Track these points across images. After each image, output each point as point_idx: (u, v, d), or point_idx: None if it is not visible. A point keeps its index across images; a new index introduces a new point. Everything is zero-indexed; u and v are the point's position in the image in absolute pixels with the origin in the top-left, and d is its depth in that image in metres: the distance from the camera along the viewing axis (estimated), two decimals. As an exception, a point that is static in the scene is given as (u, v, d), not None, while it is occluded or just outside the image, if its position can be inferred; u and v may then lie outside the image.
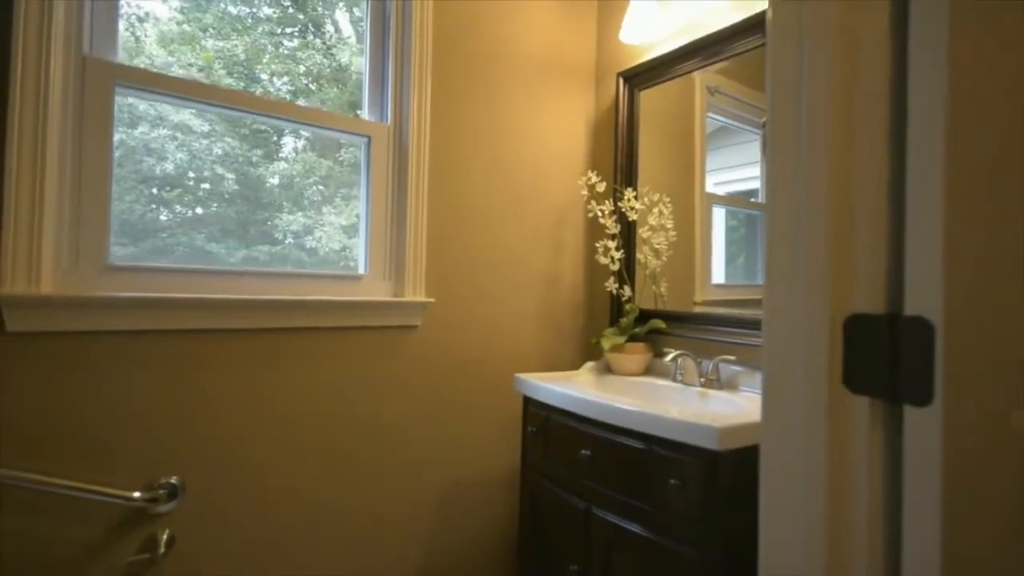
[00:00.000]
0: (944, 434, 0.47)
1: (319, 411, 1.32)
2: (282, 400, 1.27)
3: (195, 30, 1.30)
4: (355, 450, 1.37)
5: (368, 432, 1.39)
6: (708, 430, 0.89)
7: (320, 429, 1.32)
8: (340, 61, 1.48)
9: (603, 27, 1.78)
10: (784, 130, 0.59)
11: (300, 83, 1.44)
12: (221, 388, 1.19)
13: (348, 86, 1.49)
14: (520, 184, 1.66)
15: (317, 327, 1.30)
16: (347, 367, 1.35)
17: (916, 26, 0.50)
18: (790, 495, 0.58)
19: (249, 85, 1.35)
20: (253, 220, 1.35)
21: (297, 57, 1.43)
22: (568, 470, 1.21)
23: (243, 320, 1.20)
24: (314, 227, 1.43)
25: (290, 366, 1.27)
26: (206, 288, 1.19)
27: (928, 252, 0.49)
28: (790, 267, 0.59)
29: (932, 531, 0.48)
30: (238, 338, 1.21)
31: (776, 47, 0.60)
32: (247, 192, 1.35)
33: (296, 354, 1.28)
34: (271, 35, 1.39)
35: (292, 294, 1.28)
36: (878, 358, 0.52)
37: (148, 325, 1.10)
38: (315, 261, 1.43)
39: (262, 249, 1.35)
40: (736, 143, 1.50)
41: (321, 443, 1.32)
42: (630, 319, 1.55)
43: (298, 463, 1.29)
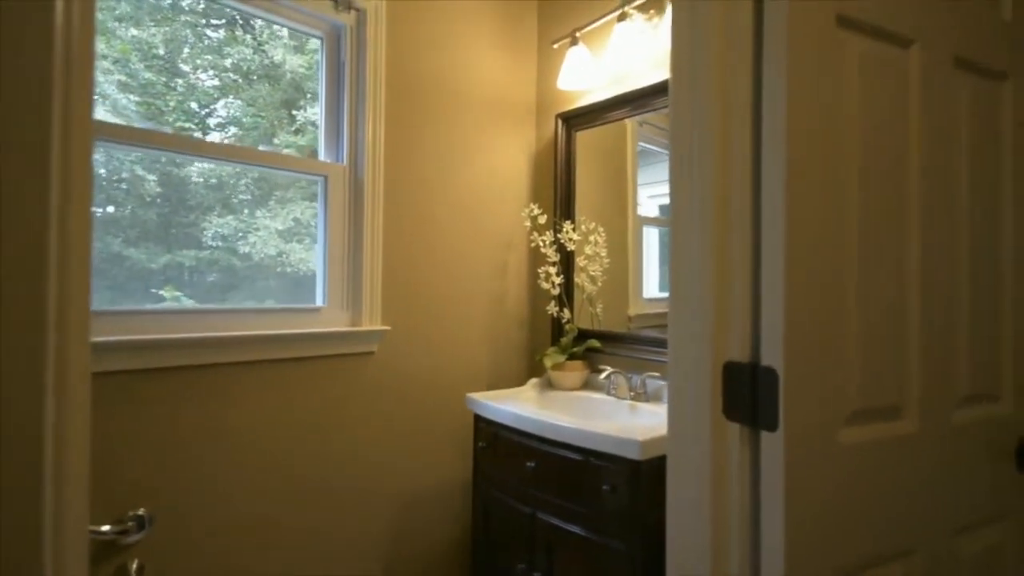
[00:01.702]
0: (785, 451, 0.68)
1: (283, 437, 1.40)
2: (248, 429, 1.34)
3: (108, 19, 1.22)
4: (319, 472, 1.47)
5: (331, 454, 1.49)
6: (632, 443, 1.09)
7: (285, 454, 1.41)
8: (273, 58, 1.46)
9: (543, 71, 1.96)
10: (680, 222, 0.78)
11: (227, 78, 1.38)
12: (189, 422, 1.26)
13: (281, 84, 1.47)
14: (470, 214, 1.81)
15: (280, 358, 1.38)
16: (309, 394, 1.44)
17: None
18: (687, 494, 0.78)
19: (170, 79, 1.30)
20: (177, 222, 1.30)
21: (223, 51, 1.37)
22: (515, 480, 1.38)
23: (209, 356, 1.27)
24: (247, 231, 1.40)
25: (255, 396, 1.35)
26: (171, 327, 1.25)
27: (774, 319, 0.69)
28: (687, 324, 0.78)
29: (778, 515, 0.68)
30: (205, 373, 1.28)
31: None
32: (170, 193, 1.29)
33: (260, 384, 1.36)
34: (193, 26, 1.33)
35: (255, 328, 1.36)
36: (745, 395, 0.72)
37: (115, 366, 1.15)
38: (249, 267, 1.41)
39: (187, 254, 1.30)
40: (664, 161, 1.72)
41: (286, 467, 1.41)
42: (570, 338, 1.74)
43: (264, 488, 1.37)
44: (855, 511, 0.74)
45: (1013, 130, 0.96)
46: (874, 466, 0.77)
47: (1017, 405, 0.97)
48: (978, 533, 0.92)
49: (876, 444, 0.77)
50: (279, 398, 1.39)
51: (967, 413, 0.90)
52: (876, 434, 0.78)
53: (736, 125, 0.74)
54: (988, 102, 0.93)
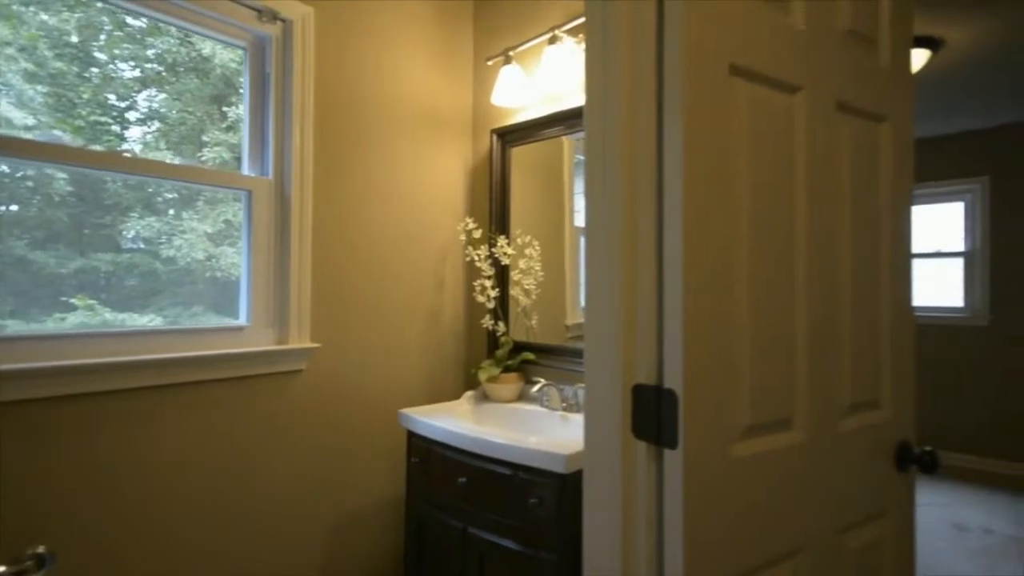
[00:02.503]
0: (684, 466, 0.74)
1: (205, 462, 1.35)
2: (166, 456, 1.28)
3: (14, 2, 1.15)
4: (245, 494, 1.42)
5: (256, 477, 1.44)
6: (558, 457, 1.13)
7: (206, 480, 1.35)
8: (201, 52, 1.40)
9: (479, 87, 1.99)
10: (594, 258, 0.83)
11: (150, 70, 1.31)
12: (99, 452, 1.19)
13: (211, 78, 1.41)
14: (405, 228, 1.81)
15: (201, 380, 1.33)
16: (233, 416, 1.40)
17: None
18: (601, 507, 0.82)
19: (84, 69, 1.21)
20: (91, 223, 1.22)
21: (146, 41, 1.31)
22: (448, 495, 1.39)
23: (122, 381, 1.20)
24: (172, 233, 1.34)
25: (175, 420, 1.29)
26: (79, 351, 1.17)
27: (674, 346, 0.75)
28: (601, 350, 0.83)
29: (678, 525, 0.74)
30: (117, 399, 1.21)
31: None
32: (83, 192, 1.20)
33: (180, 408, 1.30)
34: (112, 13, 1.25)
35: (173, 350, 1.30)
36: (651, 416, 0.78)
37: (13, 395, 1.07)
38: (174, 271, 1.35)
39: (103, 257, 1.23)
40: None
41: (208, 494, 1.35)
42: (505, 351, 1.78)
43: (183, 517, 1.31)
44: (749, 517, 0.81)
45: (891, 166, 1.08)
46: (767, 475, 0.84)
47: (896, 411, 1.09)
48: (861, 529, 1.02)
49: (769, 455, 0.85)
50: (200, 422, 1.34)
51: (852, 421, 1.01)
52: (769, 446, 0.86)
53: (642, 165, 0.79)
54: (868, 141, 1.04)
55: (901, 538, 1.11)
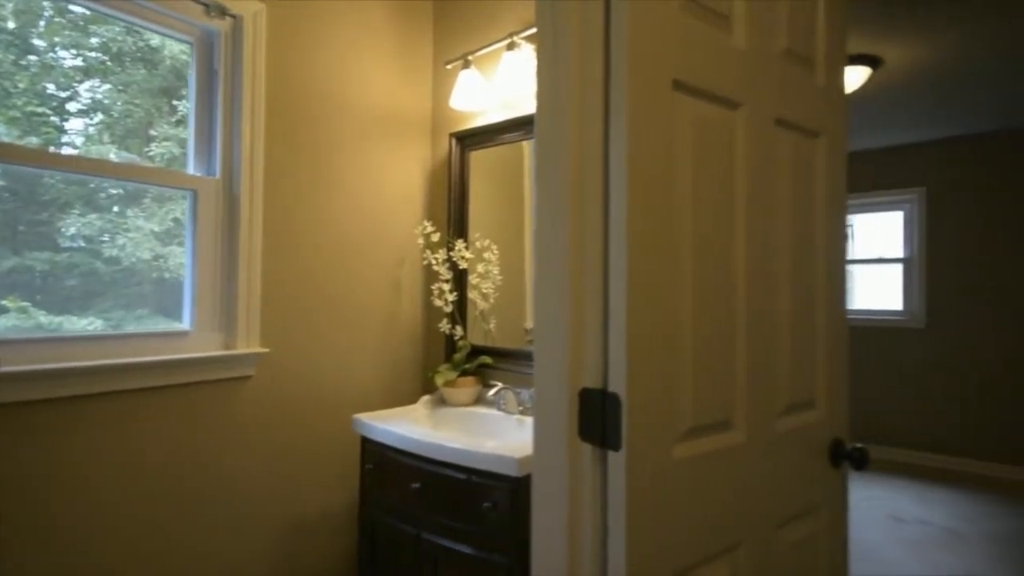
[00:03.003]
0: (626, 468, 0.76)
1: (151, 470, 1.30)
2: (106, 467, 1.23)
3: None
4: (192, 503, 1.37)
5: (205, 484, 1.40)
6: (510, 460, 1.15)
7: (153, 487, 1.30)
8: (149, 42, 1.35)
9: (438, 90, 1.99)
10: (542, 264, 0.86)
11: (93, 59, 1.27)
12: (32, 463, 1.12)
13: (160, 69, 1.37)
14: (361, 231, 1.79)
15: (141, 388, 1.28)
16: (177, 424, 1.35)
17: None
18: (548, 509, 0.84)
19: (20, 56, 1.17)
20: (27, 220, 1.16)
21: (89, 29, 1.26)
22: (401, 501, 1.39)
23: (59, 388, 1.15)
24: (115, 231, 1.29)
25: (114, 430, 1.24)
26: (10, 357, 1.11)
27: (618, 351, 0.77)
28: (550, 355, 0.85)
29: (620, 525, 0.76)
30: (53, 407, 1.15)
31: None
32: (18, 187, 1.15)
33: (120, 417, 1.25)
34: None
35: (111, 356, 1.25)
36: (596, 419, 0.80)
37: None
38: (117, 272, 1.30)
39: (39, 256, 1.17)
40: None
41: (154, 500, 1.30)
42: (462, 355, 1.79)
43: (130, 525, 1.26)
44: (690, 516, 0.85)
45: (826, 179, 1.15)
46: (708, 474, 0.88)
47: (830, 411, 1.16)
48: (798, 523, 1.08)
49: (710, 455, 0.89)
50: (143, 430, 1.29)
51: (789, 421, 1.06)
52: (710, 446, 0.89)
53: (590, 175, 0.82)
54: (805, 156, 1.11)
55: (835, 530, 1.18)
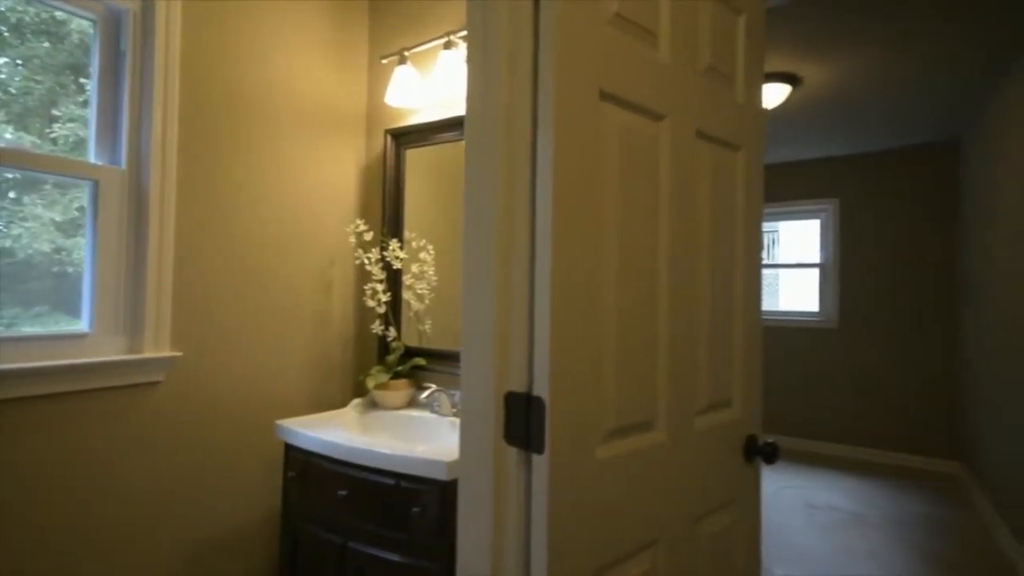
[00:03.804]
0: (549, 470, 0.78)
1: (45, 483, 1.18)
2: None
3: None
4: (94, 520, 1.27)
5: (109, 498, 1.30)
6: (440, 464, 1.15)
7: (50, 502, 1.19)
8: (54, 14, 1.25)
9: (373, 85, 1.95)
10: (470, 268, 0.86)
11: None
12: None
13: (66, 44, 1.27)
14: (289, 227, 1.72)
15: (33, 395, 1.17)
16: (77, 434, 1.24)
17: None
18: (474, 511, 0.85)
19: None
20: None
21: None
22: (326, 509, 1.35)
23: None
24: (10, 220, 1.19)
25: (2, 441, 1.12)
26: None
27: (542, 355, 0.79)
28: (477, 358, 0.86)
29: (542, 527, 0.78)
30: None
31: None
32: None
33: (10, 427, 1.13)
34: None
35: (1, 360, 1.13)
36: (521, 422, 0.82)
37: None
38: (12, 265, 1.20)
39: None
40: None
41: (53, 516, 1.19)
42: (396, 356, 1.76)
43: (24, 544, 1.14)
44: (612, 514, 0.88)
45: (744, 190, 1.23)
46: (630, 473, 0.92)
47: (745, 409, 1.23)
48: (714, 517, 1.15)
49: (632, 455, 0.93)
50: (38, 441, 1.18)
51: (707, 419, 1.13)
52: (632, 446, 0.93)
53: (518, 180, 0.83)
54: (725, 167, 1.18)
55: (749, 521, 1.26)
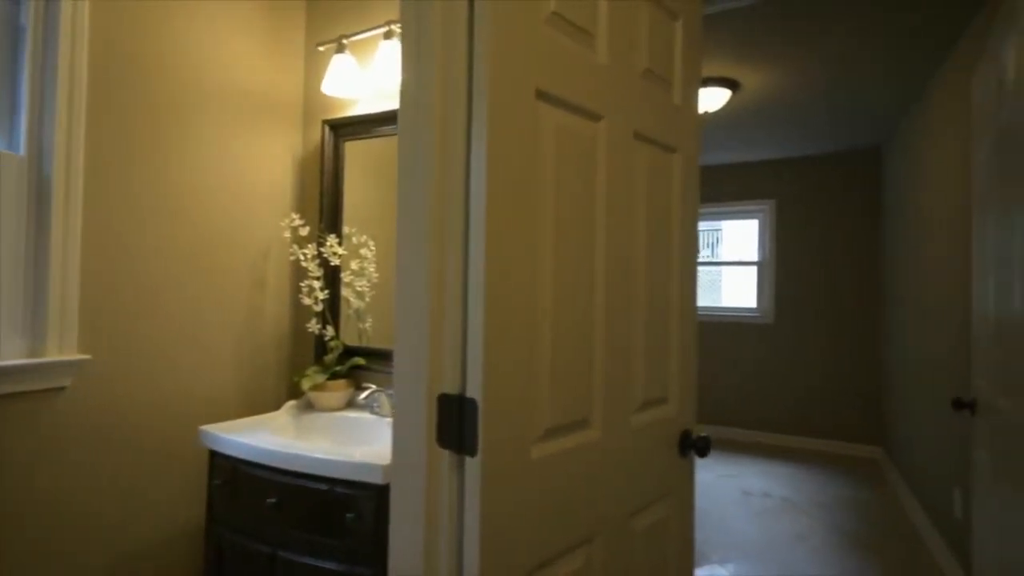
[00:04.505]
0: (481, 473, 0.78)
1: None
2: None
3: None
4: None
5: (13, 517, 1.19)
6: (375, 468, 1.12)
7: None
8: None
9: (310, 73, 1.88)
10: (403, 269, 0.84)
11: None
12: None
13: None
14: (218, 222, 1.63)
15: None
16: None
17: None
18: (406, 516, 0.84)
19: None
20: None
21: None
22: (255, 518, 1.30)
23: None
24: None
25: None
26: None
27: (475, 356, 0.79)
28: (409, 360, 0.84)
29: (475, 530, 0.78)
30: None
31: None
32: None
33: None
34: None
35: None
36: (454, 425, 0.81)
37: None
38: None
39: None
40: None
41: None
42: (334, 356, 1.71)
43: None
44: (547, 513, 0.89)
45: (680, 191, 1.27)
46: (566, 472, 0.93)
47: (679, 405, 1.28)
48: (650, 511, 1.18)
49: (567, 453, 0.94)
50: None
51: (644, 416, 1.16)
52: (568, 445, 0.95)
53: (451, 178, 0.82)
54: (662, 168, 1.21)
55: (683, 512, 1.31)
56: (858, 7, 2.29)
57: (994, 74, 1.50)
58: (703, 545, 2.90)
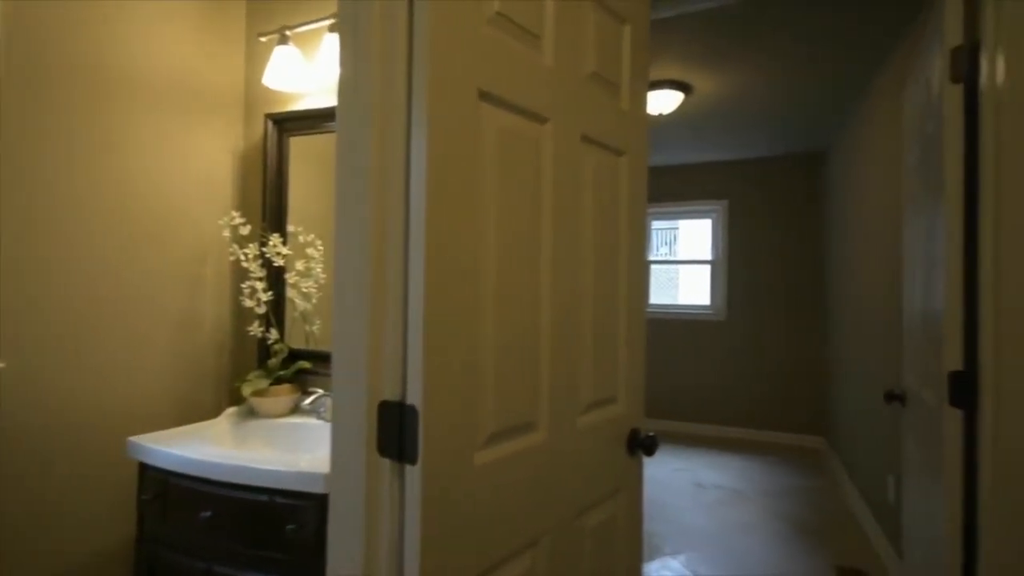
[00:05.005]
0: (422, 481, 0.77)
1: None
2: None
3: None
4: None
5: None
6: (316, 477, 1.09)
7: None
8: None
9: (252, 64, 1.81)
10: (341, 272, 0.82)
11: None
12: None
13: None
14: (149, 220, 1.55)
15: None
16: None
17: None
18: (345, 527, 0.82)
19: None
20: None
21: None
22: (189, 533, 1.24)
23: None
24: None
25: None
26: None
27: (416, 361, 0.78)
28: (348, 366, 0.82)
29: (415, 540, 0.77)
30: None
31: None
32: None
33: None
34: None
35: None
36: (395, 432, 0.80)
37: None
38: None
39: None
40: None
41: None
42: (278, 360, 1.66)
43: None
44: (491, 519, 0.89)
45: (628, 194, 1.29)
46: (511, 475, 0.93)
47: (628, 404, 1.30)
48: (598, 509, 1.20)
49: (513, 457, 0.94)
50: None
51: (592, 416, 1.18)
52: (514, 448, 0.95)
53: (391, 180, 0.81)
54: (610, 171, 1.22)
55: (631, 509, 1.34)
56: (802, 15, 2.39)
57: (922, 86, 1.60)
58: (656, 538, 2.97)
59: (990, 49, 1.19)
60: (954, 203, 1.26)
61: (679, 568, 2.65)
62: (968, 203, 1.25)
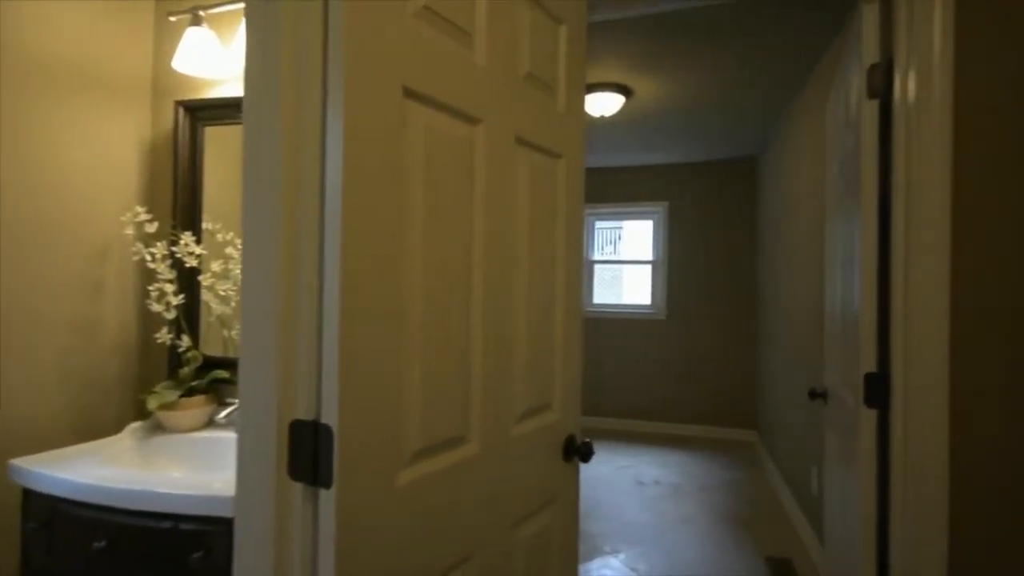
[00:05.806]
0: (337, 506, 0.73)
1: None
2: None
3: None
4: None
5: None
6: (223, 500, 1.02)
7: None
8: None
9: (161, 46, 1.66)
10: (250, 281, 0.76)
11: None
12: None
13: None
14: (37, 215, 1.39)
15: None
16: None
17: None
18: (254, 553, 0.76)
19: None
20: None
21: None
22: (80, 565, 1.13)
23: None
24: None
25: None
26: None
27: (331, 378, 0.73)
28: (257, 382, 0.76)
29: (329, 562, 0.73)
30: None
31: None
32: None
33: None
34: None
35: None
36: (307, 455, 0.75)
37: None
38: None
39: None
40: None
41: None
42: (191, 369, 1.54)
43: None
44: (417, 539, 0.85)
45: (565, 197, 1.28)
46: (439, 493, 0.90)
47: (564, 411, 1.30)
48: (533, 519, 1.19)
49: (441, 473, 0.91)
50: None
51: (526, 425, 1.16)
52: (441, 464, 0.91)
53: (305, 180, 0.75)
54: (546, 174, 1.21)
55: (567, 517, 1.34)
56: (738, 26, 2.48)
57: (842, 101, 1.69)
58: (597, 538, 3.02)
59: (903, 67, 1.27)
60: (868, 212, 1.34)
61: (619, 566, 2.71)
62: (882, 212, 1.33)
